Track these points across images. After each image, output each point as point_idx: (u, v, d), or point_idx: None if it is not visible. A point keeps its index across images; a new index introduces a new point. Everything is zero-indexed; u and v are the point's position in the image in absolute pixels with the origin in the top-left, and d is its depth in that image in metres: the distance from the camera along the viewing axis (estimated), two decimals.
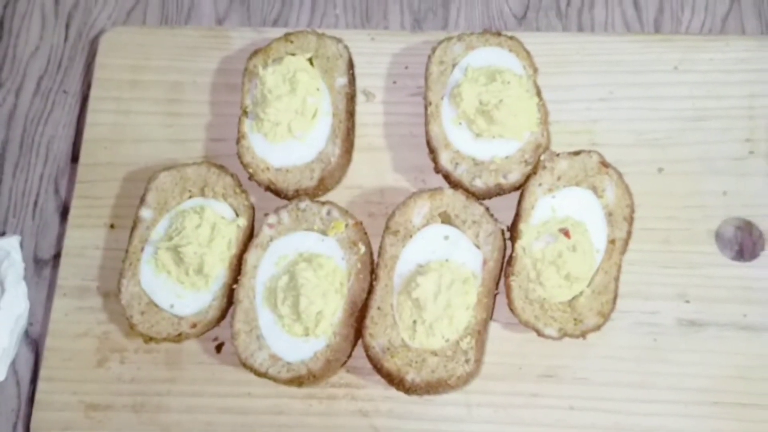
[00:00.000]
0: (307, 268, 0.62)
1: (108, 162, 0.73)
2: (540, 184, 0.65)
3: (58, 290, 0.70)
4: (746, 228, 0.69)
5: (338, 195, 0.70)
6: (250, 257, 0.65)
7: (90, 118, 0.75)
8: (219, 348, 0.67)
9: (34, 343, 0.71)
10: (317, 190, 0.68)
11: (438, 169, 0.68)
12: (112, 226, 0.71)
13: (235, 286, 0.65)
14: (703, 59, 0.73)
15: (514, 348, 0.65)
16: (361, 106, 0.73)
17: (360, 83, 0.73)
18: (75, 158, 0.76)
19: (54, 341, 0.68)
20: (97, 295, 0.69)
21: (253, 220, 0.68)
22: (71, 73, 0.80)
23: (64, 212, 0.75)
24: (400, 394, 0.63)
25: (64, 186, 0.76)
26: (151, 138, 0.74)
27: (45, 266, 0.73)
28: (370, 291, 0.63)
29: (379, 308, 0.63)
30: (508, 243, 0.66)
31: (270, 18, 0.81)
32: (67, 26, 0.82)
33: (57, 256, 0.72)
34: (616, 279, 0.64)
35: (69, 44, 0.82)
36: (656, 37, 0.75)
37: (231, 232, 0.66)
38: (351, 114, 0.70)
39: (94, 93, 0.76)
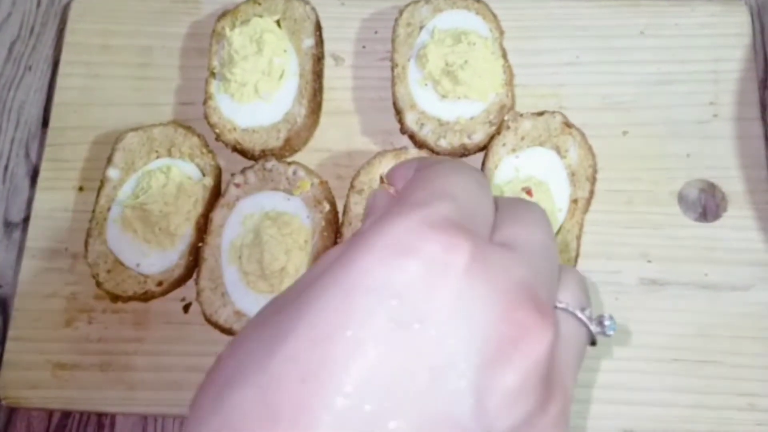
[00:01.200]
0: (272, 225, 0.62)
1: (77, 126, 0.74)
2: (504, 144, 0.66)
3: (26, 252, 0.70)
4: (709, 190, 0.69)
5: (307, 157, 0.71)
6: (216, 216, 0.66)
7: (60, 82, 0.75)
8: (186, 308, 0.67)
9: (3, 304, 0.72)
10: (284, 151, 0.69)
11: (404, 130, 0.69)
12: (81, 189, 0.71)
13: (201, 244, 0.65)
14: (669, 24, 0.74)
15: None
16: (330, 71, 0.74)
17: (329, 48, 0.74)
18: (46, 123, 0.76)
19: (22, 302, 0.68)
20: (66, 256, 0.69)
21: (219, 181, 0.69)
22: (43, 39, 0.80)
23: (34, 176, 0.75)
24: None
25: (35, 150, 0.76)
26: (121, 102, 0.74)
27: (15, 229, 0.74)
28: None
29: None
30: None
31: None
32: None
33: (27, 219, 0.72)
34: (578, 237, 0.65)
35: (41, 10, 0.82)
36: (623, 3, 0.75)
37: (197, 191, 0.66)
38: (318, 75, 0.70)
39: (64, 57, 0.76)
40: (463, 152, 0.67)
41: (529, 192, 0.63)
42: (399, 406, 0.27)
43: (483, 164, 0.66)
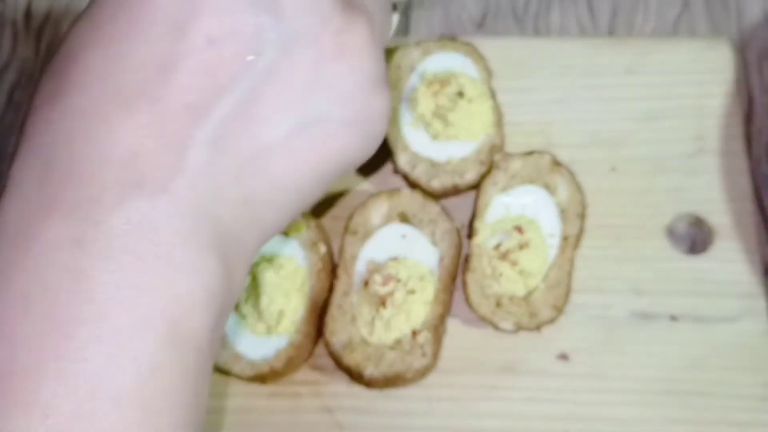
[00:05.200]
0: (269, 268, 0.64)
1: None
2: (495, 184, 0.68)
3: None
4: (697, 223, 0.71)
5: None
6: None
7: None
8: None
9: None
10: None
11: (397, 171, 0.70)
12: None
13: None
14: (654, 61, 0.76)
15: (473, 343, 0.67)
16: None
17: None
18: None
19: None
20: None
21: None
22: None
23: None
24: (363, 391, 0.65)
25: None
26: None
27: None
28: (331, 289, 0.65)
29: (339, 306, 0.65)
30: (465, 241, 0.68)
31: None
32: (38, 40, 0.84)
33: None
34: (569, 273, 0.66)
35: (40, 58, 0.83)
36: (608, 41, 0.77)
37: None
38: None
39: None
40: (456, 191, 0.69)
41: (519, 230, 0.65)
42: None
43: (475, 203, 0.68)
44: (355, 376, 0.63)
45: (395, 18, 0.44)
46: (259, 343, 0.64)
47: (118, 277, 0.28)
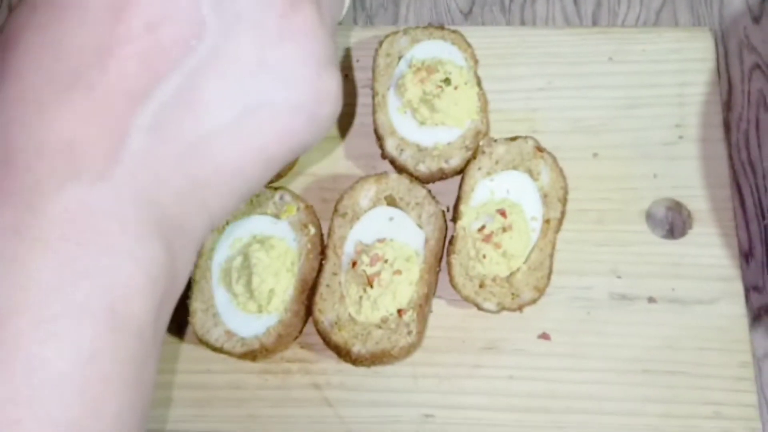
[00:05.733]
0: (260, 248, 0.66)
1: None
2: (479, 168, 0.69)
3: None
4: (676, 208, 0.73)
5: (293, 182, 0.74)
6: (207, 240, 0.69)
7: None
8: (179, 328, 0.71)
9: None
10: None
11: (384, 155, 0.72)
12: None
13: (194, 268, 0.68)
14: (636, 50, 0.78)
15: (457, 322, 0.69)
16: None
17: None
18: None
19: None
20: None
21: None
22: None
23: None
24: (351, 368, 0.67)
25: None
26: None
27: None
28: (320, 270, 0.67)
29: (327, 285, 0.66)
30: (451, 224, 0.70)
31: None
32: None
33: None
34: (551, 256, 0.68)
35: None
36: (592, 30, 0.79)
37: None
38: None
39: None
40: (441, 176, 0.71)
41: (503, 213, 0.67)
42: None
43: (460, 187, 0.69)
44: (342, 353, 0.65)
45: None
46: (250, 321, 0.66)
47: (56, 263, 0.27)
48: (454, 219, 0.69)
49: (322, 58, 0.33)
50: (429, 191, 0.69)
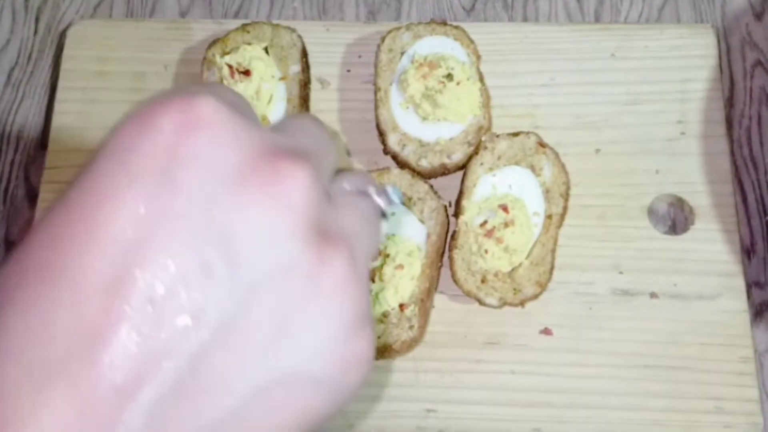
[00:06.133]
0: None
1: (75, 149, 0.77)
2: (481, 164, 0.69)
3: None
4: (678, 204, 0.73)
5: None
6: None
7: (58, 107, 0.79)
8: None
9: None
10: None
11: (387, 151, 0.72)
12: None
13: None
14: (639, 47, 0.78)
15: (459, 317, 0.69)
16: (317, 94, 0.77)
17: (316, 72, 0.77)
18: (44, 146, 0.79)
19: None
20: None
21: None
22: (41, 65, 0.84)
23: (33, 198, 0.78)
24: None
25: (34, 173, 0.79)
26: None
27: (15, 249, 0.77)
28: None
29: None
30: (452, 219, 0.70)
31: (231, 11, 0.85)
32: (37, 20, 0.86)
33: None
34: (553, 251, 0.68)
35: (38, 37, 0.85)
36: (595, 26, 0.79)
37: None
38: (305, 99, 0.74)
39: (61, 84, 0.79)
40: (444, 171, 0.71)
41: (505, 208, 0.67)
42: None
43: (462, 182, 0.69)
44: None
45: (384, 228, 0.38)
46: None
47: None
48: (456, 214, 0.69)
49: (354, 319, 0.29)
50: (431, 186, 0.69)
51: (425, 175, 0.71)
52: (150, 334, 0.25)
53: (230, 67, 0.71)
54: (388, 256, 0.65)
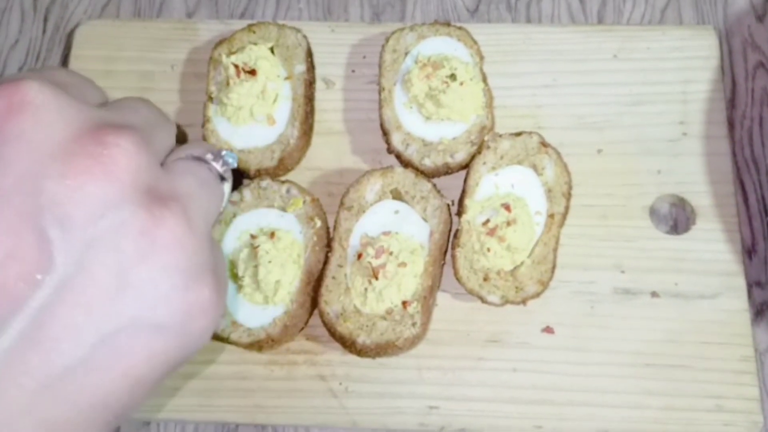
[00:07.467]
0: (267, 241, 0.66)
1: None
2: (484, 163, 0.70)
3: None
4: (679, 204, 0.74)
5: (300, 176, 0.75)
6: (214, 232, 0.70)
7: None
8: None
9: None
10: (278, 170, 0.73)
11: (390, 150, 0.73)
12: None
13: None
14: (641, 48, 0.78)
15: (462, 315, 0.70)
16: (322, 93, 0.78)
17: (321, 72, 0.78)
18: None
19: None
20: None
21: None
22: (49, 65, 0.85)
23: None
24: (357, 360, 0.68)
25: None
26: None
27: None
28: (326, 262, 0.68)
29: (333, 277, 0.67)
30: (455, 218, 0.71)
31: (237, 12, 0.85)
32: (45, 20, 0.87)
33: None
34: (555, 250, 0.69)
35: (47, 37, 0.86)
36: (597, 28, 0.80)
37: None
38: (309, 99, 0.75)
39: None
40: (447, 170, 0.72)
41: (507, 207, 0.67)
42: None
43: (465, 181, 0.70)
44: (348, 344, 0.66)
45: (226, 188, 0.41)
46: (257, 312, 0.66)
47: None
48: (459, 213, 0.69)
49: (192, 269, 0.32)
50: (434, 185, 0.70)
51: (428, 174, 0.71)
52: None
53: (236, 66, 0.72)
54: (391, 253, 0.65)
